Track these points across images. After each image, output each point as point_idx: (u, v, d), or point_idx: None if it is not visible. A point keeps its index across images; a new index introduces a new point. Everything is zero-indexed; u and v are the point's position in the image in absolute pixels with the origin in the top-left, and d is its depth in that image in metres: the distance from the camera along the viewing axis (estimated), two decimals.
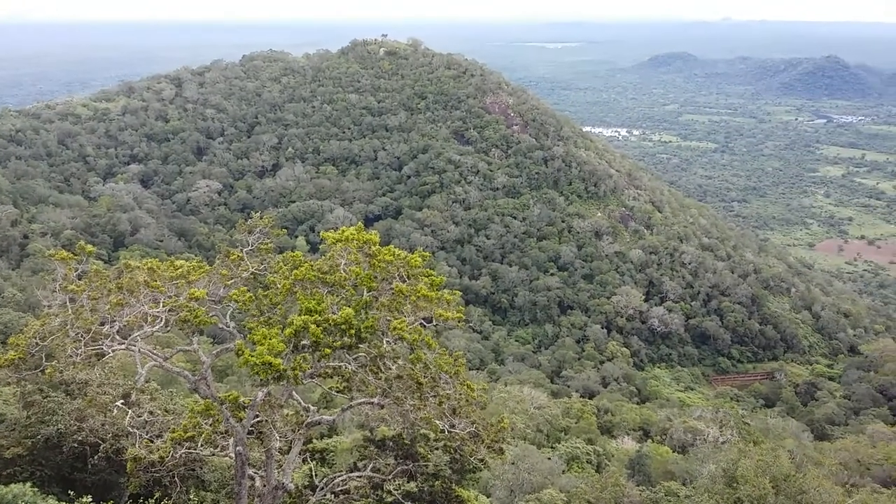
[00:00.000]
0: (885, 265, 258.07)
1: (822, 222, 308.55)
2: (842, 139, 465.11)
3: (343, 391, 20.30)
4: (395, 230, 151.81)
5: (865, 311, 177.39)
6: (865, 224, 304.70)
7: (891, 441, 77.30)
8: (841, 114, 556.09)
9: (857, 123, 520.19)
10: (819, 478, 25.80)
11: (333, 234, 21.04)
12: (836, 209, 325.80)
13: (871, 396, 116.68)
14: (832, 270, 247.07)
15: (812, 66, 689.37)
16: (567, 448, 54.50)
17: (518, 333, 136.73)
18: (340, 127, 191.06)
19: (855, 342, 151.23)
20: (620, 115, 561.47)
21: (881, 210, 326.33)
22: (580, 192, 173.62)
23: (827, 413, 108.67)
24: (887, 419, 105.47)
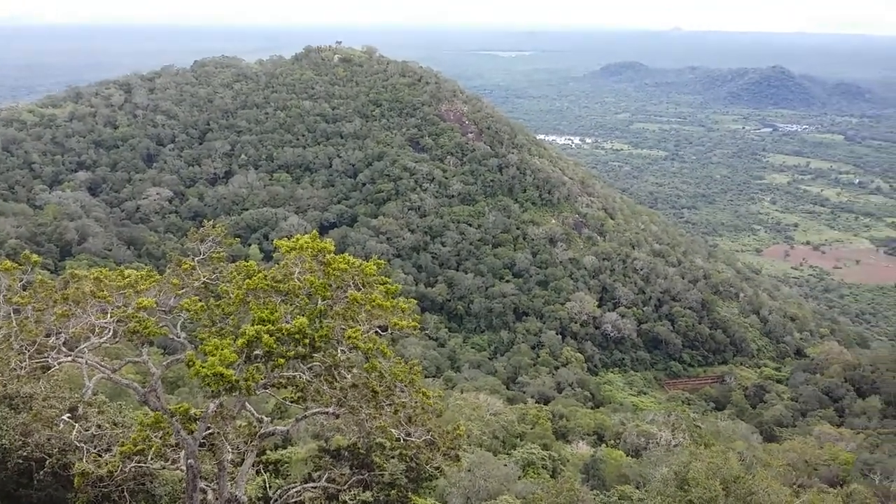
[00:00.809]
0: (830, 270, 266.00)
1: (769, 228, 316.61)
2: (787, 147, 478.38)
3: (297, 401, 20.07)
4: (351, 238, 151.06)
5: (811, 315, 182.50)
6: (810, 230, 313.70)
7: (837, 442, 79.55)
8: (786, 122, 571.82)
9: (802, 132, 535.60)
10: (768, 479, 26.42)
11: (287, 243, 20.85)
12: (782, 216, 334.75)
13: (817, 398, 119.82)
14: (779, 275, 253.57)
15: (758, 75, 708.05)
16: (523, 454, 54.73)
17: (474, 340, 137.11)
18: (294, 134, 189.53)
19: (801, 345, 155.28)
20: (573, 123, 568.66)
21: (825, 216, 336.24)
22: (534, 199, 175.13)
23: (775, 415, 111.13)
24: (833, 420, 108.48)
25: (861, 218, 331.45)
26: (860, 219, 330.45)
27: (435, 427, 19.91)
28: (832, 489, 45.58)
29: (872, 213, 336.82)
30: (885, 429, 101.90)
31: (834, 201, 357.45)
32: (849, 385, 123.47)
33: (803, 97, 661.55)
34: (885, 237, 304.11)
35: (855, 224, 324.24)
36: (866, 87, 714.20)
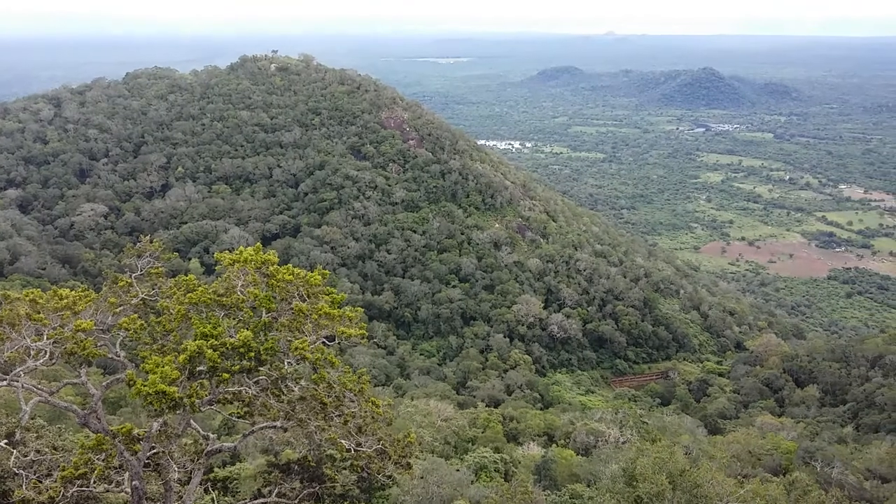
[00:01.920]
0: (765, 264, 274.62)
1: (706, 226, 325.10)
2: (720, 147, 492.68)
3: (244, 416, 19.74)
4: (294, 248, 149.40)
5: (749, 309, 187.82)
6: (745, 226, 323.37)
7: (778, 431, 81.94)
8: (718, 122, 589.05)
9: (734, 131, 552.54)
10: (713, 471, 27.05)
11: (229, 255, 20.52)
12: (717, 213, 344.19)
13: (758, 389, 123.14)
14: (717, 271, 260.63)
15: (690, 77, 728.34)
16: (475, 458, 54.83)
17: (423, 347, 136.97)
18: (232, 144, 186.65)
19: (741, 339, 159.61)
20: (513, 127, 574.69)
21: (759, 213, 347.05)
22: (478, 204, 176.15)
23: (719, 408, 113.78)
24: (774, 410, 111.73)
25: (793, 213, 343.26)
26: (792, 214, 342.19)
27: (385, 436, 19.81)
28: (775, 478, 46.88)
29: (803, 209, 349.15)
30: (824, 417, 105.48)
31: (766, 198, 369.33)
32: (787, 376, 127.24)
33: (733, 97, 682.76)
34: (815, 231, 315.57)
35: (787, 219, 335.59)
36: (792, 87, 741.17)
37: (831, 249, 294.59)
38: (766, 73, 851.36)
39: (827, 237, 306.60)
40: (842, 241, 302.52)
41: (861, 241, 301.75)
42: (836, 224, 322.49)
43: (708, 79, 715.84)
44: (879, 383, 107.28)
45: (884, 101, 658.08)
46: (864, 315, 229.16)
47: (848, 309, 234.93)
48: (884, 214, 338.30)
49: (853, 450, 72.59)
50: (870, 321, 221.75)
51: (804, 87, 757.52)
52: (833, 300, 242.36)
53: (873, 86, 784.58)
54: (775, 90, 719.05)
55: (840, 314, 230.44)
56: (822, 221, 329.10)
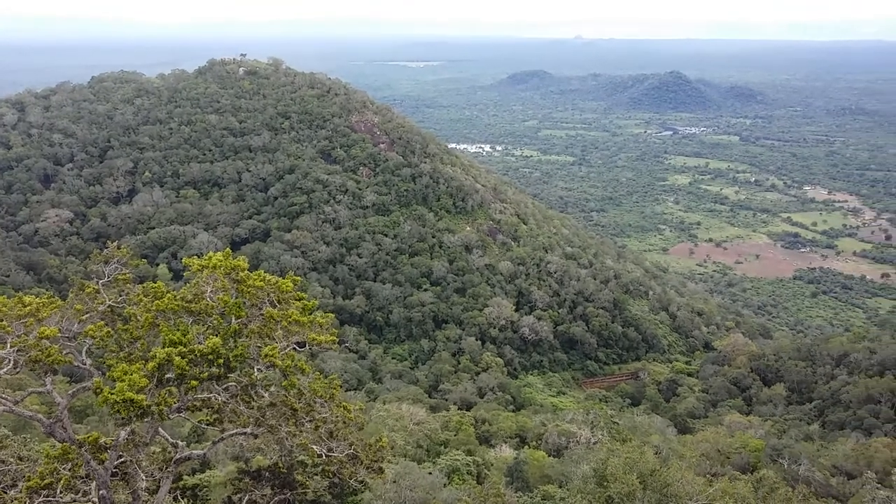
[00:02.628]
0: (732, 265, 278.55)
1: (674, 228, 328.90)
2: (687, 149, 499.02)
3: (214, 423, 19.59)
4: (264, 253, 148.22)
5: (717, 309, 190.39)
6: (712, 227, 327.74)
7: (746, 430, 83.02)
8: (685, 125, 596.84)
9: (700, 134, 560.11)
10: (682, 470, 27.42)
11: (198, 261, 20.37)
12: (685, 215, 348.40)
13: (726, 389, 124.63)
14: (685, 272, 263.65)
15: (657, 81, 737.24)
16: (447, 461, 54.86)
17: (394, 350, 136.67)
18: (200, 149, 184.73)
19: (709, 338, 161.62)
20: (483, 131, 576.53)
21: (725, 214, 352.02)
22: (449, 207, 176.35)
23: (688, 407, 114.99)
24: (742, 409, 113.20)
25: (759, 214, 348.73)
26: (758, 215, 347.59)
27: (357, 440, 19.80)
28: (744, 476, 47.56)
29: (769, 210, 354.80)
30: (791, 415, 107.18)
31: (733, 199, 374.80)
32: (755, 375, 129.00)
33: (700, 101, 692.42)
34: (781, 232, 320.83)
35: (753, 220, 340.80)
36: (757, 90, 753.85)
37: (796, 250, 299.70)
38: (732, 76, 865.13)
39: (792, 238, 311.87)
40: (806, 242, 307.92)
41: (825, 241, 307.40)
42: (801, 225, 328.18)
43: (675, 82, 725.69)
44: (844, 381, 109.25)
45: (846, 104, 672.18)
46: (828, 314, 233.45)
47: (813, 308, 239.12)
48: (847, 215, 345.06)
49: (819, 447, 73.84)
50: (834, 320, 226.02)
51: (769, 90, 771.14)
52: (798, 300, 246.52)
53: (835, 89, 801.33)
54: (741, 93, 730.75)
55: (805, 314, 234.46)
56: (788, 222, 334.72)
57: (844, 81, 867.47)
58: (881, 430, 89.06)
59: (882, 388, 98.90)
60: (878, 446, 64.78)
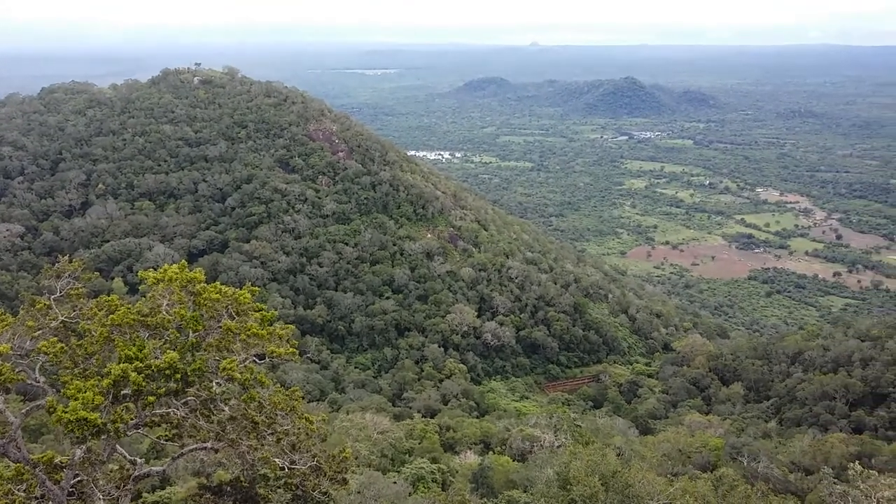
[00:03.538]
0: (689, 267, 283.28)
1: (631, 231, 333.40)
2: (643, 154, 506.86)
3: (173, 439, 19.24)
4: (223, 264, 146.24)
5: (675, 311, 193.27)
6: (669, 230, 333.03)
7: (706, 429, 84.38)
8: (640, 130, 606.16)
9: (655, 138, 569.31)
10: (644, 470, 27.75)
11: (154, 274, 20.04)
12: (642, 218, 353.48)
13: (685, 389, 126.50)
14: (643, 275, 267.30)
15: (612, 87, 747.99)
16: (412, 469, 54.72)
17: (357, 360, 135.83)
18: (155, 160, 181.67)
19: (668, 340, 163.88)
20: (442, 138, 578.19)
21: (681, 217, 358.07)
22: (409, 214, 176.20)
23: (649, 408, 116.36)
24: (701, 409, 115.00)
25: (713, 216, 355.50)
26: (712, 217, 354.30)
27: (320, 452, 19.62)
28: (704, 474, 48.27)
29: (723, 212, 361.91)
30: (749, 413, 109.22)
31: (688, 202, 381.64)
32: (713, 374, 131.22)
33: (654, 106, 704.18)
34: (735, 233, 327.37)
35: (708, 223, 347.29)
36: (710, 94, 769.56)
37: (750, 251, 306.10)
38: (685, 81, 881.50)
39: (746, 239, 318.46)
40: (760, 243, 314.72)
41: (778, 241, 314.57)
42: (755, 226, 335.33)
43: (630, 88, 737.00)
44: (800, 378, 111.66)
45: (795, 107, 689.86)
46: (783, 313, 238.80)
47: (768, 308, 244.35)
48: (798, 216, 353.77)
49: (777, 444, 75.38)
50: (789, 319, 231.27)
51: (720, 94, 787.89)
52: (754, 300, 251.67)
53: (785, 92, 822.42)
54: (693, 98, 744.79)
55: (761, 313, 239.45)
56: (742, 224, 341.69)
57: (793, 85, 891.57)
58: (836, 425, 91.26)
59: (836, 385, 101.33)
60: (834, 441, 66.33)
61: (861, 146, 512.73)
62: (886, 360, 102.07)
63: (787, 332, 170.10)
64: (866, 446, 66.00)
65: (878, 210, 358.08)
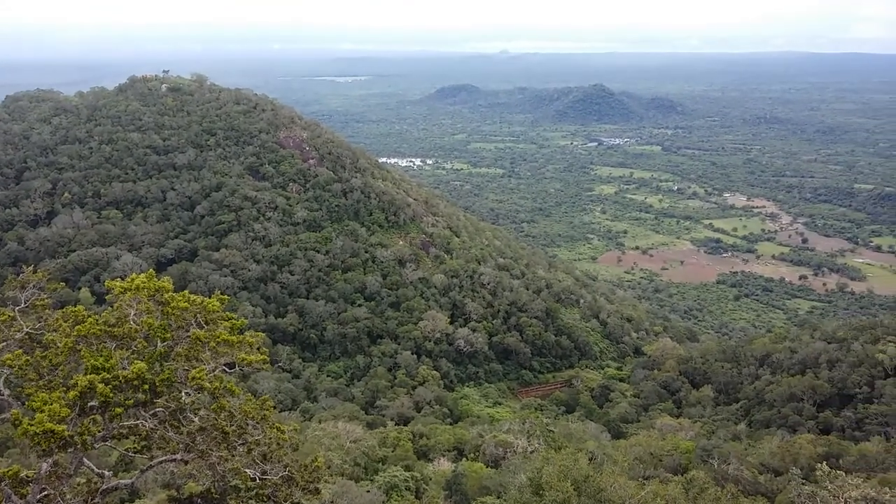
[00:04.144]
0: (658, 271, 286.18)
1: (602, 236, 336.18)
2: (612, 160, 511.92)
3: (142, 451, 18.96)
4: (192, 273, 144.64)
5: (645, 315, 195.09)
6: (638, 235, 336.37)
7: (677, 432, 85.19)
8: (609, 136, 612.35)
9: (624, 145, 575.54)
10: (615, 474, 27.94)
11: (121, 284, 19.77)
12: (612, 224, 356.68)
13: (656, 393, 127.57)
14: (614, 280, 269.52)
15: (582, 94, 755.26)
16: (385, 478, 54.48)
17: (329, 368, 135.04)
18: (123, 168, 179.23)
19: (639, 344, 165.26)
20: (413, 145, 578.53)
21: (650, 222, 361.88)
22: (381, 222, 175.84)
23: (621, 412, 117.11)
24: (672, 412, 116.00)
25: (682, 221, 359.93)
26: (681, 222, 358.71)
27: (292, 462, 19.45)
28: (676, 477, 48.68)
29: (691, 217, 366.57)
30: (719, 415, 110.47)
31: (657, 207, 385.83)
32: (683, 378, 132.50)
33: (623, 112, 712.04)
34: (704, 238, 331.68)
35: (677, 227, 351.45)
36: (677, 101, 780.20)
37: (719, 255, 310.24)
38: (653, 88, 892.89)
39: (714, 243, 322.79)
40: (728, 247, 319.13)
41: (746, 246, 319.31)
42: (723, 231, 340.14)
43: (599, 95, 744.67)
44: (768, 381, 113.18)
45: (761, 113, 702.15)
46: (751, 316, 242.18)
47: (736, 311, 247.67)
48: (765, 220, 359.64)
49: (747, 445, 76.20)
50: (757, 322, 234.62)
51: (688, 101, 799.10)
52: (722, 303, 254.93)
53: (751, 99, 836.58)
54: (662, 105, 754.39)
55: (729, 316, 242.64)
56: (710, 228, 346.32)
57: (759, 91, 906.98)
58: (804, 426, 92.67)
59: (804, 387, 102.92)
60: (803, 443, 67.24)
61: (825, 151, 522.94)
62: (852, 362, 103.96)
63: (755, 334, 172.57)
64: (834, 447, 66.97)
65: (842, 214, 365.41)
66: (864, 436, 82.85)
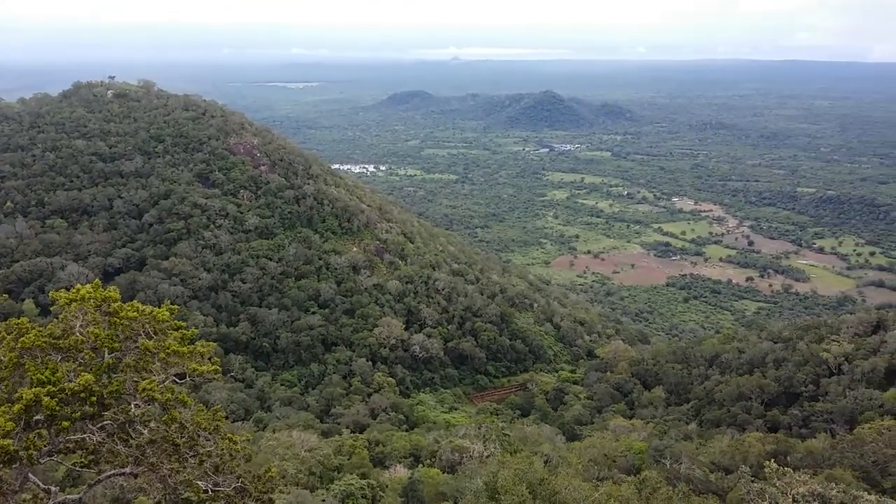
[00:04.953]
0: (610, 275, 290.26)
1: (554, 241, 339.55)
2: (563, 165, 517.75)
3: (90, 465, 18.51)
4: (140, 282, 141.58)
5: (597, 318, 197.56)
6: (590, 240, 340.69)
7: (630, 433, 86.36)
8: (560, 142, 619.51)
9: (575, 150, 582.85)
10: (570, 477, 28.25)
11: (66, 294, 19.32)
12: (564, 228, 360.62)
13: (609, 394, 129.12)
14: (567, 284, 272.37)
15: (533, 100, 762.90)
16: (341, 486, 54.11)
17: (283, 377, 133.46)
18: (68, 176, 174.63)
19: (592, 347, 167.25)
20: (367, 151, 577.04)
21: (601, 226, 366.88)
22: (334, 228, 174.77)
23: (575, 415, 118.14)
24: (625, 413, 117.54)
25: (632, 225, 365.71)
26: (631, 226, 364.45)
27: (245, 472, 19.20)
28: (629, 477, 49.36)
29: (641, 221, 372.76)
30: (670, 416, 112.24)
31: (608, 212, 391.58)
32: (635, 379, 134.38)
33: (573, 118, 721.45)
34: (653, 241, 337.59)
35: (627, 231, 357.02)
36: (626, 107, 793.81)
37: (668, 258, 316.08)
38: (602, 95, 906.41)
39: (664, 247, 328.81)
40: (677, 250, 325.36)
41: (694, 249, 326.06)
42: (672, 234, 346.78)
43: (549, 101, 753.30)
44: (718, 381, 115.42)
45: (707, 119, 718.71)
46: (700, 318, 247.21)
47: (686, 313, 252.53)
48: (712, 223, 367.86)
49: (698, 445, 77.51)
50: (705, 323, 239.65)
51: (636, 107, 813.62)
52: (672, 305, 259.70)
53: (697, 105, 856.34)
54: (611, 111, 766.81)
55: (679, 318, 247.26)
56: (659, 232, 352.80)
57: (704, 98, 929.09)
58: (753, 425, 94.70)
59: (752, 386, 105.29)
60: (752, 441, 68.71)
61: (769, 156, 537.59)
62: (798, 361, 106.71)
63: (704, 336, 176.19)
64: (781, 444, 68.55)
65: (786, 217, 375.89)
66: (811, 433, 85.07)
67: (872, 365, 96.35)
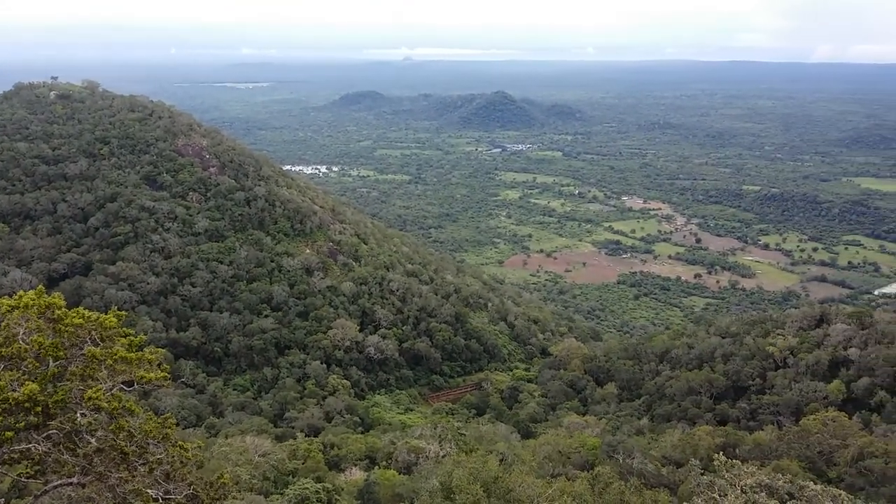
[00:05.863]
0: (562, 273, 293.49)
1: (508, 241, 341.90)
2: (515, 165, 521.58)
3: (35, 475, 18.10)
4: (87, 288, 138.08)
5: (551, 316, 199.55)
6: (543, 239, 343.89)
7: (584, 429, 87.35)
8: (512, 143, 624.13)
9: (527, 150, 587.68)
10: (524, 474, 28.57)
11: (8, 301, 18.85)
12: (517, 228, 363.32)
13: (563, 392, 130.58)
14: (520, 283, 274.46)
15: (485, 101, 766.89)
16: (296, 491, 53.61)
17: (236, 381, 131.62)
18: (9, 179, 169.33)
19: (545, 344, 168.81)
20: (319, 152, 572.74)
21: (554, 226, 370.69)
22: (287, 230, 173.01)
23: (530, 413, 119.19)
24: (579, 410, 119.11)
25: (583, 224, 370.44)
26: (583, 225, 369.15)
27: (197, 479, 18.99)
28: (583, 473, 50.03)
29: (592, 220, 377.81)
30: (622, 411, 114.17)
31: (560, 211, 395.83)
32: (588, 376, 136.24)
33: (525, 119, 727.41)
34: (604, 240, 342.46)
35: (579, 230, 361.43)
36: (576, 108, 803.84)
37: (619, 256, 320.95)
38: (553, 95, 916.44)
39: (614, 245, 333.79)
40: (627, 248, 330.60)
41: (644, 247, 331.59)
42: (622, 232, 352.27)
43: (501, 102, 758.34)
44: (668, 376, 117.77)
45: (655, 119, 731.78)
46: (650, 314, 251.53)
47: (636, 310, 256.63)
48: (661, 222, 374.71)
49: (650, 439, 79.04)
50: (656, 319, 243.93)
51: (586, 107, 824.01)
52: (623, 303, 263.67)
53: (645, 105, 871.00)
54: (561, 111, 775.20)
55: (630, 315, 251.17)
56: (610, 231, 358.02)
57: (652, 98, 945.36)
58: (703, 419, 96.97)
59: (701, 380, 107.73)
60: (702, 434, 70.32)
61: (715, 155, 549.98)
62: (745, 355, 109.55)
63: (654, 332, 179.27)
64: (730, 437, 70.32)
65: (732, 214, 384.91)
66: (758, 425, 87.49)
67: (816, 358, 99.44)
